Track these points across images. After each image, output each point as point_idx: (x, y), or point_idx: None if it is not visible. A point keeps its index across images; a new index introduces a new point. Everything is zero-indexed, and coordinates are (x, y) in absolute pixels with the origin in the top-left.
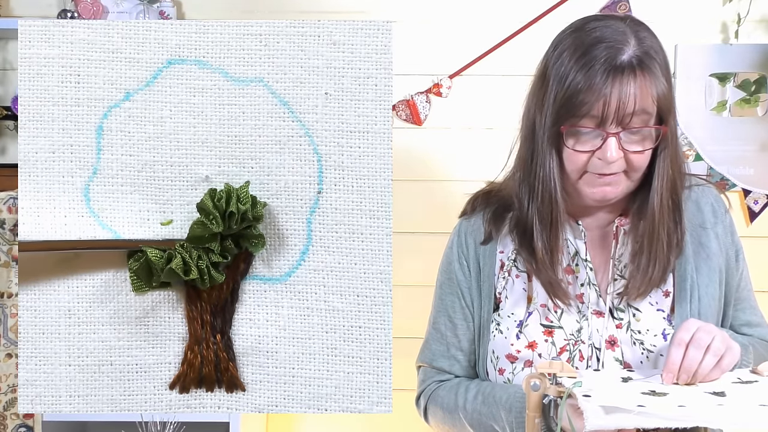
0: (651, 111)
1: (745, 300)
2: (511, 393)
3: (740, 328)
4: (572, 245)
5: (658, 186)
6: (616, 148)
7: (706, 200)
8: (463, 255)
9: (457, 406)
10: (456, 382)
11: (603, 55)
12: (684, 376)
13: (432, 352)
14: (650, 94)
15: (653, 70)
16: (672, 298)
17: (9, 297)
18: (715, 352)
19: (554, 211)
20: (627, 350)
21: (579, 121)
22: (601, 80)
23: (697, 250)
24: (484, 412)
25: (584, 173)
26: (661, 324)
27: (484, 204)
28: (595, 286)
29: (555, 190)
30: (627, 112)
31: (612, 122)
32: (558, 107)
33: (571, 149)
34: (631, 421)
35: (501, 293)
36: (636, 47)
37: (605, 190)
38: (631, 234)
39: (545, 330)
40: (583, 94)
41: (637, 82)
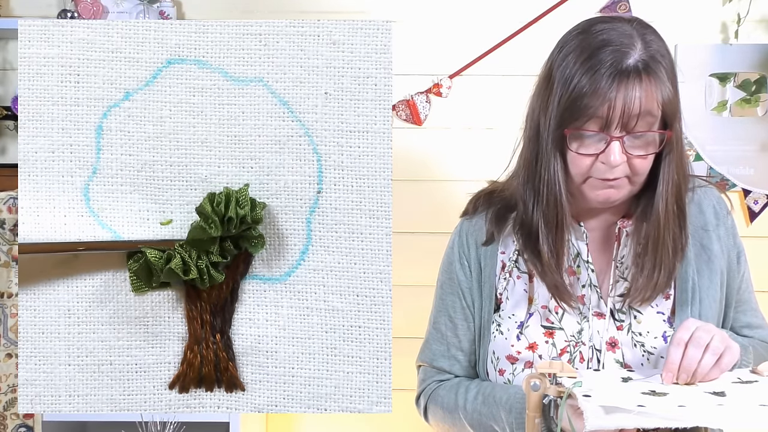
0: (656, 115)
1: (746, 302)
2: (511, 393)
3: (741, 330)
4: (574, 246)
5: (663, 191)
6: (619, 152)
7: (708, 202)
8: (464, 255)
9: (457, 406)
10: (456, 381)
11: (609, 58)
12: (683, 375)
13: (432, 351)
14: (655, 99)
15: (659, 75)
16: (673, 300)
17: (9, 297)
18: (714, 350)
19: (559, 214)
20: (628, 352)
21: (583, 125)
22: (607, 84)
23: (698, 252)
24: (484, 412)
25: (588, 177)
26: (661, 326)
27: (486, 204)
28: (596, 288)
29: (560, 193)
30: (632, 116)
31: (616, 126)
32: (562, 110)
33: (575, 153)
34: (631, 421)
35: (502, 294)
36: (642, 51)
37: (609, 193)
38: (634, 236)
39: (546, 331)
40: (588, 98)
41: (643, 86)
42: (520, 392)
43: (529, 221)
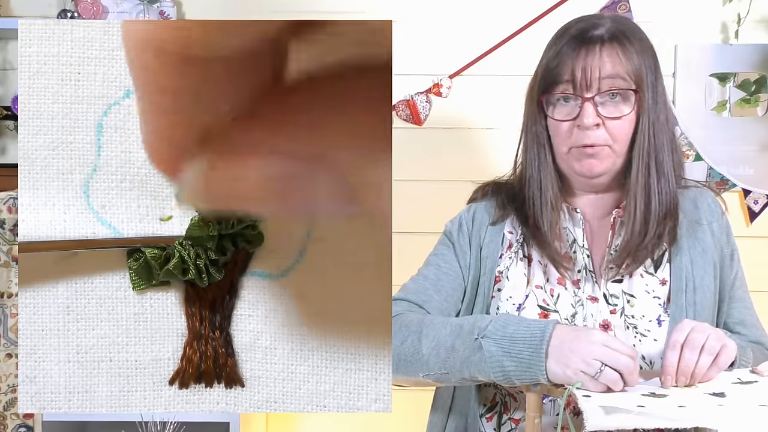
0: (627, 79)
1: (741, 299)
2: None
3: (734, 327)
4: (571, 233)
5: (637, 154)
6: (593, 114)
7: (704, 200)
8: (466, 225)
9: (421, 330)
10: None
11: (575, 31)
12: (682, 378)
13: (406, 288)
14: (623, 65)
15: (626, 46)
16: (668, 287)
17: (9, 297)
18: (710, 351)
19: (553, 188)
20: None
21: (554, 89)
22: (569, 49)
23: (692, 243)
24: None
25: (571, 148)
26: (656, 310)
27: (495, 192)
28: (591, 273)
29: (547, 162)
30: (594, 77)
31: (583, 87)
32: (539, 83)
33: (552, 119)
34: (631, 422)
35: (502, 272)
36: (610, 26)
37: (591, 163)
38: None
39: (541, 312)
40: (553, 62)
41: (605, 52)
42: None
43: (525, 198)
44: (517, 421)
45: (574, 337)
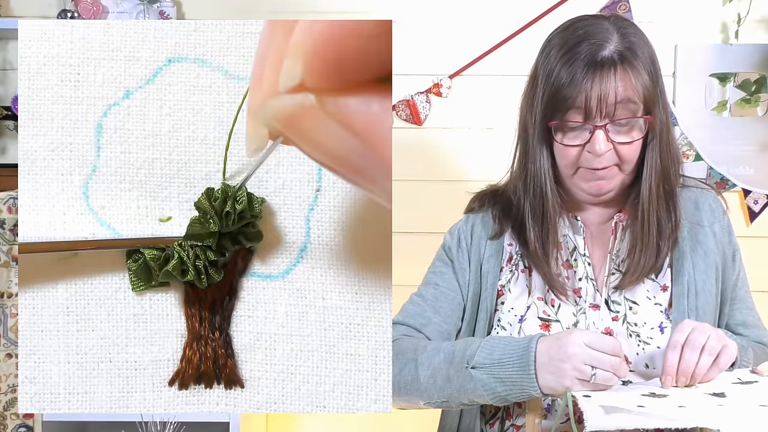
0: (637, 102)
1: (742, 300)
2: (468, 344)
3: (736, 328)
4: (571, 240)
5: (647, 176)
6: (604, 141)
7: (705, 200)
8: (464, 240)
9: (416, 355)
10: (421, 339)
11: (585, 51)
12: (682, 378)
13: (405, 311)
14: (633, 88)
15: (635, 65)
16: (670, 293)
17: (9, 297)
18: (710, 351)
19: (545, 205)
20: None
21: (565, 116)
22: (581, 74)
23: (694, 246)
24: (436, 364)
25: (578, 169)
26: (658, 317)
27: (492, 201)
28: (592, 281)
29: (545, 185)
30: (609, 103)
31: (597, 115)
32: (545, 104)
33: (560, 144)
34: (631, 422)
35: (504, 286)
36: (618, 43)
37: (600, 185)
38: (629, 229)
39: (542, 324)
40: (566, 89)
41: (618, 76)
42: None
43: (519, 214)
44: (519, 427)
45: (558, 346)
